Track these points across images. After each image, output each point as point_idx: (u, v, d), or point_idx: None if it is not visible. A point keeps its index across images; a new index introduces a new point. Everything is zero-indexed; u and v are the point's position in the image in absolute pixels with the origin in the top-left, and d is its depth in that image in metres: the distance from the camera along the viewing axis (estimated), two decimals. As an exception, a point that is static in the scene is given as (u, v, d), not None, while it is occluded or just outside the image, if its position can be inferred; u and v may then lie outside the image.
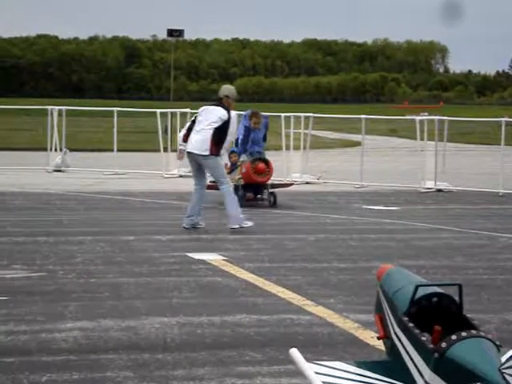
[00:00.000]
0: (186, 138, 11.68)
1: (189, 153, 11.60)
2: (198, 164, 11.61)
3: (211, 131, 11.42)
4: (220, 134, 11.43)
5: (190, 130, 11.71)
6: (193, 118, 12.04)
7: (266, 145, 15.34)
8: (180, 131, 12.37)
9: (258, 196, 14.65)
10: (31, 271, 8.39)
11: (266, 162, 14.39)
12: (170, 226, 12.01)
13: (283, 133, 19.24)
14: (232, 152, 14.51)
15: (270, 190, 14.54)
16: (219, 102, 11.71)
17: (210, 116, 11.53)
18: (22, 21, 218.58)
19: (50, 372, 5.30)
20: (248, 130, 14.83)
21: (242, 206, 12.44)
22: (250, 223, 11.51)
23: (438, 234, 11.49)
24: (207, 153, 11.37)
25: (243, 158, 14.79)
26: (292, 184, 16.08)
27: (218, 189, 12.04)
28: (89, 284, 7.87)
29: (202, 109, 11.88)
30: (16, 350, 5.79)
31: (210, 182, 13.00)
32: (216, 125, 11.44)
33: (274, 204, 14.37)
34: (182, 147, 11.84)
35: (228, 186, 11.62)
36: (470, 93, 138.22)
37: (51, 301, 7.19)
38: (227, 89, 11.94)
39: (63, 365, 5.46)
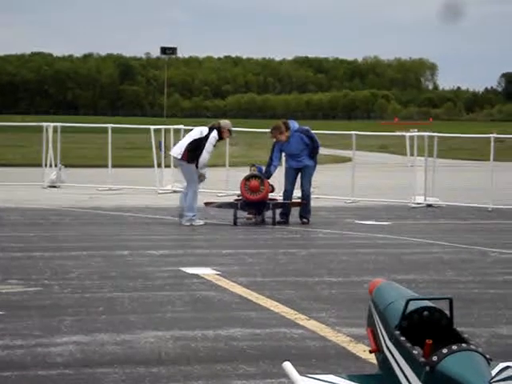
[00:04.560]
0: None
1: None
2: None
3: (189, 139, 13.67)
4: (195, 144, 13.52)
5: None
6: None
7: (310, 162, 14.03)
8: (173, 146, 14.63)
9: (257, 216, 13.83)
10: (27, 286, 8.45)
11: (262, 180, 13.67)
12: (164, 240, 12.10)
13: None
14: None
15: (273, 209, 13.76)
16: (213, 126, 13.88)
17: (194, 131, 13.94)
18: (17, 38, 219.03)
19: (46, 386, 5.36)
20: (273, 145, 14.13)
21: (235, 224, 13.72)
22: (201, 222, 13.60)
23: (429, 249, 11.58)
24: (179, 156, 13.59)
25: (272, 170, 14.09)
26: (299, 203, 14.28)
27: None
28: (84, 299, 7.94)
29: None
30: (12, 364, 5.85)
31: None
32: (195, 136, 13.64)
33: (275, 223, 13.65)
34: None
35: (192, 191, 13.61)
36: (458, 109, 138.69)
37: (47, 315, 7.25)
38: (223, 122, 14.14)
39: (59, 379, 5.51)
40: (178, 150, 13.74)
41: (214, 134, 13.67)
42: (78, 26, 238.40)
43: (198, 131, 13.75)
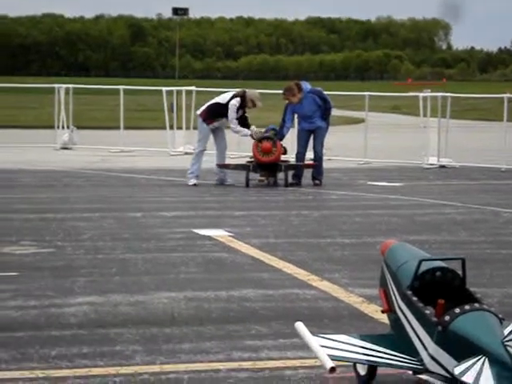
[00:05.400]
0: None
1: None
2: None
3: (212, 101, 13.75)
4: (216, 107, 13.56)
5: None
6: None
7: (322, 124, 13.96)
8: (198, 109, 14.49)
9: (270, 178, 13.81)
10: (40, 247, 8.49)
11: (274, 142, 13.60)
12: (177, 202, 12.12)
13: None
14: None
15: (286, 171, 13.68)
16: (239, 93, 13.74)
17: (221, 95, 13.97)
18: (23, 2, 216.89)
19: (59, 346, 5.40)
20: (285, 107, 14.02)
21: (247, 185, 13.61)
22: (193, 181, 13.61)
23: (442, 210, 11.56)
24: (199, 112, 13.82)
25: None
26: (311, 165, 14.18)
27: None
28: (97, 260, 7.98)
29: None
30: (26, 324, 5.90)
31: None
32: (219, 100, 13.66)
33: (287, 185, 13.63)
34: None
35: (197, 151, 13.85)
36: (472, 70, 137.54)
37: (60, 276, 7.29)
38: (249, 91, 13.97)
39: (73, 339, 5.55)
40: (203, 107, 13.91)
41: (234, 101, 13.50)
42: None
43: (223, 96, 13.77)
